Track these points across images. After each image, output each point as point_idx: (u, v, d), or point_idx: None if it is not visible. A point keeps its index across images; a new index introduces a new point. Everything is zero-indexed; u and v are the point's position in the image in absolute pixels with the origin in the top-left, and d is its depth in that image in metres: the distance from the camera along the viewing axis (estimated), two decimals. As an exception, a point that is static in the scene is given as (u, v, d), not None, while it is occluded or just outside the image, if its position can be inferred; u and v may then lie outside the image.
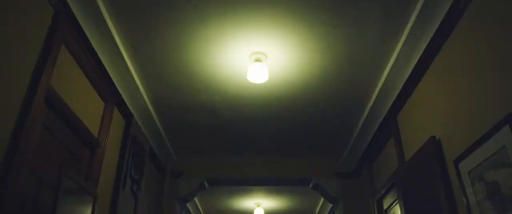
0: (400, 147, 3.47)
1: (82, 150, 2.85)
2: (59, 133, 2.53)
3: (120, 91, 3.36)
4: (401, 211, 3.39)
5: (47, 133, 2.37)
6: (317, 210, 7.58)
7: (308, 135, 4.53)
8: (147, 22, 2.78)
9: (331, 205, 6.64)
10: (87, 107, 2.88)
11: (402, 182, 3.38)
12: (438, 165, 2.63)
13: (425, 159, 2.87)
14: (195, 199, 6.91)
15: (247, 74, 3.26)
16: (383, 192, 3.98)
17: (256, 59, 3.14)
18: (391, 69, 3.23)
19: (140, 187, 3.92)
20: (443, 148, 2.63)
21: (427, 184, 2.92)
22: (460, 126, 2.44)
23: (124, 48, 3.03)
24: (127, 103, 3.56)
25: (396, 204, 3.72)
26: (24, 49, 2.05)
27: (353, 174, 5.11)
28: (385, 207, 4.05)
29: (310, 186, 5.27)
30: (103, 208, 3.24)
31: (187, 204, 6.78)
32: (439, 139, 2.69)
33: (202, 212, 7.87)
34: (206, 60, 3.20)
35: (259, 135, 4.55)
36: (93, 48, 2.79)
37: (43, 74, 2.14)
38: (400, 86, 3.31)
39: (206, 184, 5.26)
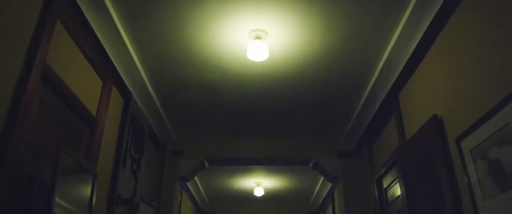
0: (401, 126, 3.44)
1: (81, 128, 2.83)
2: (57, 111, 2.50)
3: (118, 69, 3.32)
4: (401, 190, 3.40)
5: (44, 111, 2.34)
6: (317, 189, 7.63)
7: (308, 114, 4.50)
8: (144, -2, 2.71)
9: (330, 184, 6.68)
10: (85, 85, 2.84)
11: (403, 161, 3.38)
12: (439, 143, 2.62)
13: (427, 138, 2.86)
14: (195, 178, 6.94)
15: (247, 52, 3.21)
16: (383, 171, 3.98)
17: (256, 37, 3.09)
18: (393, 47, 3.17)
19: (140, 166, 3.92)
20: (445, 126, 2.61)
21: (428, 163, 2.91)
22: (463, 104, 2.41)
23: (122, 26, 2.97)
24: (126, 82, 3.52)
25: (395, 183, 3.72)
26: (18, 24, 2.00)
27: (353, 153, 5.11)
28: (384, 186, 4.06)
29: (310, 165, 5.28)
30: (103, 187, 3.24)
31: (187, 183, 6.82)
32: (441, 117, 2.67)
33: (203, 192, 7.92)
34: (205, 38, 3.15)
35: (259, 114, 4.52)
36: (90, 26, 2.73)
37: (39, 50, 2.10)
38: (402, 64, 3.26)
39: (206, 164, 5.27)
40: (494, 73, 2.09)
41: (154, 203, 4.42)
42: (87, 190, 2.68)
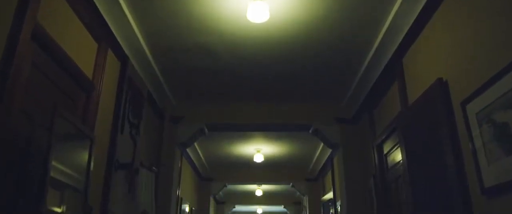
0: (403, 91, 3.38)
1: (77, 92, 2.76)
2: (51, 73, 2.42)
3: (114, 32, 3.21)
4: (402, 155, 3.37)
5: (38, 73, 2.27)
6: (316, 155, 7.66)
7: (309, 78, 4.42)
8: (139, -46, 2.58)
9: (330, 150, 6.70)
10: (79, 47, 2.75)
11: (404, 126, 3.33)
12: (443, 107, 2.56)
13: (430, 102, 2.80)
14: (195, 144, 6.95)
15: (246, 13, 3.10)
16: (383, 137, 3.95)
17: (257, -3, 2.97)
18: (397, 10, 3.06)
19: (139, 131, 3.88)
20: (450, 89, 2.54)
21: (430, 128, 2.86)
22: (469, 67, 2.34)
23: (116, -15, 2.85)
24: (122, 45, 3.42)
25: (396, 148, 3.70)
26: (5, -20, 1.90)
27: (353, 119, 5.07)
28: (385, 152, 4.04)
29: (310, 131, 5.25)
30: (101, 152, 3.21)
31: (188, 150, 6.83)
32: (446, 80, 2.60)
33: (203, 158, 7.96)
34: (203, -2, 3.03)
35: (259, 79, 4.45)
36: (83, -16, 2.61)
37: (29, 7, 2.00)
38: (407, 28, 3.16)
39: (206, 130, 5.24)
40: (500, 37, 2.01)
41: (153, 168, 4.42)
42: (85, 155, 2.65)
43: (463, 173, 2.37)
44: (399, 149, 3.60)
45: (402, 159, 3.36)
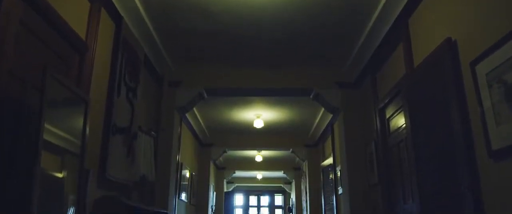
0: (409, 52, 3.26)
1: (70, 53, 2.65)
2: (42, 33, 2.31)
3: (106, -10, 3.06)
4: (405, 119, 3.31)
5: (27, 32, 2.16)
6: (317, 121, 7.62)
7: (310, 41, 4.29)
8: None
9: (330, 116, 6.64)
10: (70, 6, 2.62)
11: (409, 89, 3.24)
12: (451, 67, 2.47)
13: (438, 63, 2.70)
14: (195, 110, 6.89)
15: (246, -30, 2.93)
16: (386, 101, 3.87)
17: (257, -48, 2.80)
18: (406, -34, 2.90)
19: (136, 95, 3.80)
20: (459, 49, 2.44)
21: (436, 90, 2.78)
22: (480, 26, 2.23)
23: None
24: (115, 4, 3.27)
25: (399, 112, 3.63)
26: None
27: (355, 84, 4.97)
28: (387, 116, 3.98)
29: (311, 96, 5.17)
30: (98, 115, 3.14)
31: (187, 116, 6.78)
32: (455, 40, 2.49)
33: (202, 124, 7.93)
34: (200, -47, 2.86)
35: (259, 42, 4.31)
36: None
37: (11, -41, 1.86)
38: (415, -15, 3.01)
39: (205, 94, 5.16)
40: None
41: (152, 133, 4.37)
42: (80, 118, 2.57)
43: (469, 136, 2.31)
44: (402, 113, 3.54)
45: (406, 123, 3.30)
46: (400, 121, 3.62)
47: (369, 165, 4.45)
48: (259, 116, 7.26)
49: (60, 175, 2.50)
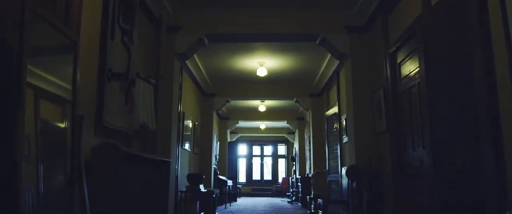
0: (426, -11, 2.99)
1: (55, -11, 2.41)
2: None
3: None
4: (420, 62, 3.10)
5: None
6: (322, 69, 7.40)
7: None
8: None
9: (336, 65, 6.42)
10: None
11: (425, 29, 3.01)
12: (477, 6, 2.22)
13: (460, 0, 2.45)
14: (195, 57, 6.66)
15: None
16: (398, 44, 3.64)
17: None
18: None
19: (132, 39, 3.58)
20: (487, -18, 2.19)
21: (456, 29, 2.56)
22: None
23: None
24: None
25: (411, 56, 3.41)
26: None
27: (365, 28, 4.70)
28: (398, 61, 3.76)
29: (317, 41, 4.92)
30: (91, 59, 2.95)
31: (189, 65, 6.57)
32: (482, -29, 2.22)
33: (204, 73, 7.73)
34: None
35: (262, -18, 4.01)
36: None
37: None
38: None
39: (206, 40, 4.91)
40: None
41: (152, 80, 4.20)
42: (70, 60, 2.38)
43: (492, 80, 2.12)
44: (415, 57, 3.32)
45: (420, 67, 3.10)
46: (412, 65, 3.41)
47: (377, 113, 4.30)
48: (262, 64, 7.03)
49: (62, 125, 2.37)
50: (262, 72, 7.09)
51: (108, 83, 3.10)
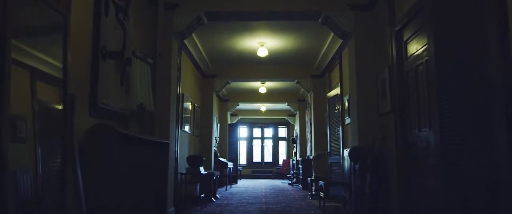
0: (436, -39, 2.83)
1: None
2: None
3: None
4: (428, 39, 2.96)
5: None
6: (324, 49, 7.24)
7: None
8: None
9: (339, 43, 6.26)
10: None
11: (434, 4, 2.85)
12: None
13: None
14: (195, 38, 6.50)
15: None
16: (405, 21, 3.50)
17: None
18: None
19: (128, 16, 3.43)
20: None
21: (469, 5, 2.41)
22: None
23: None
24: None
25: (419, 33, 3.28)
26: None
27: (369, 5, 4.54)
28: (405, 38, 3.62)
29: (320, 20, 4.77)
30: (84, 36, 2.82)
31: (188, 46, 6.42)
32: None
33: (204, 53, 7.57)
34: None
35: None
36: None
37: None
38: None
39: (205, 19, 4.76)
40: None
41: (149, 59, 4.06)
42: (59, 36, 2.25)
43: (508, 58, 1.99)
44: (422, 34, 3.19)
45: (428, 43, 2.96)
46: (419, 42, 3.27)
47: (381, 93, 4.18)
48: (263, 44, 6.87)
49: (59, 107, 2.26)
50: (262, 52, 6.94)
51: (103, 62, 2.98)
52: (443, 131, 2.73)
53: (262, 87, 10.53)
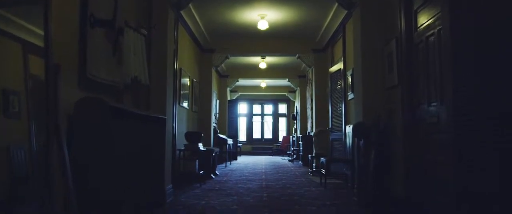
0: None
1: None
2: None
3: None
4: (442, 6, 2.74)
5: None
6: (326, 22, 6.98)
7: None
8: None
9: (342, 15, 6.02)
10: None
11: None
12: None
13: None
14: (192, 10, 6.24)
15: None
16: (416, -13, 3.26)
17: None
18: None
19: (119, -18, 3.20)
20: None
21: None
22: None
23: None
24: None
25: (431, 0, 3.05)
26: None
27: (376, -27, 4.28)
28: (415, 7, 3.39)
29: (323, -11, 4.51)
30: (69, 2, 2.60)
31: (184, 16, 6.16)
32: None
33: (202, 27, 7.32)
34: None
35: None
36: None
37: None
38: None
39: (202, -12, 4.50)
40: None
41: (143, 30, 3.84)
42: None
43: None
44: (434, 2, 2.96)
45: (442, 10, 2.74)
46: (431, 11, 3.05)
47: (388, 66, 3.97)
48: (263, 16, 6.62)
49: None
50: (263, 25, 6.69)
51: (91, 30, 2.77)
52: (457, 105, 2.54)
53: (262, 63, 10.29)
